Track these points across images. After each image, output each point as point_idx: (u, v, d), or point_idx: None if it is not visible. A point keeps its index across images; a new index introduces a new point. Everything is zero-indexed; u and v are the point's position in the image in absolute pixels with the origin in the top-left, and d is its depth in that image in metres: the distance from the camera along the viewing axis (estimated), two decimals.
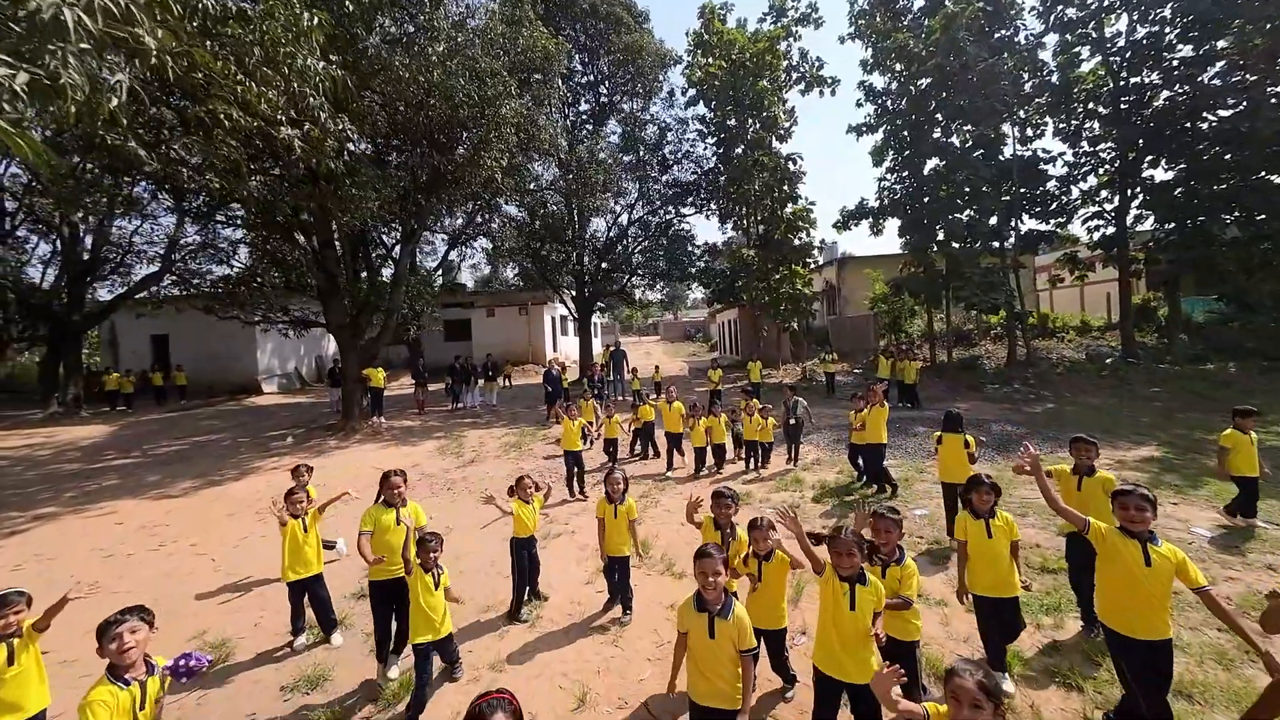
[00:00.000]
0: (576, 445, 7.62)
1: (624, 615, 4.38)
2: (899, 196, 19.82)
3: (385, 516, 4.05)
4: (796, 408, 8.13)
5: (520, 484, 4.62)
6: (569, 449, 7.63)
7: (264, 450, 11.36)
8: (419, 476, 8.86)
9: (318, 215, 11.80)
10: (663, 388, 15.51)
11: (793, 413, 8.11)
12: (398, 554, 3.79)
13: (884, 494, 6.74)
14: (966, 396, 13.81)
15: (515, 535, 4.55)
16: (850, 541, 2.63)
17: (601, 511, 4.42)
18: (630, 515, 4.43)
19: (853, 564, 2.62)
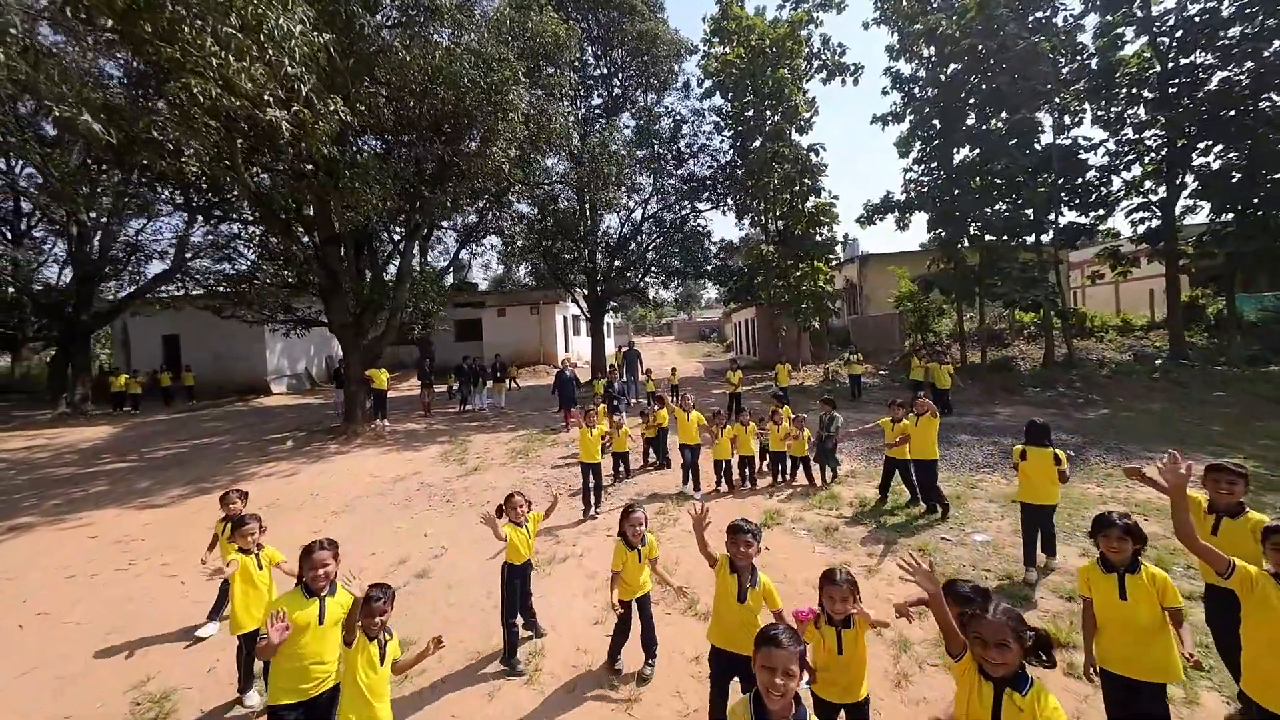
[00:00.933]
0: (595, 457, 6.80)
1: (646, 665, 3.65)
2: (927, 189, 18.86)
3: (303, 610, 2.72)
4: (832, 424, 7.16)
5: (510, 503, 3.93)
6: (586, 461, 6.82)
7: (261, 455, 10.86)
8: (418, 486, 8.25)
9: (319, 210, 11.30)
10: (679, 391, 14.80)
11: (827, 429, 7.15)
12: (328, 663, 2.75)
13: (934, 515, 5.93)
14: (1004, 400, 12.86)
15: (508, 560, 3.86)
16: (1004, 625, 1.82)
17: (619, 562, 3.60)
18: (651, 554, 3.69)
19: (1006, 661, 1.81)
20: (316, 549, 2.83)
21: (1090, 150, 16.93)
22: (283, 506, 7.57)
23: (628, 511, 3.65)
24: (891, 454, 6.27)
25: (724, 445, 7.20)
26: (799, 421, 7.29)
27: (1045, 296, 13.48)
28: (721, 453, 7.27)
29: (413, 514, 7.06)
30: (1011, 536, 5.26)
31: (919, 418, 5.92)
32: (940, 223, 17.72)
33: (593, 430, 6.84)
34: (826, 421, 7.23)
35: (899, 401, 6.66)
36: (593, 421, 7.22)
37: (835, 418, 7.20)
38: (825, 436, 7.12)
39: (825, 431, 7.13)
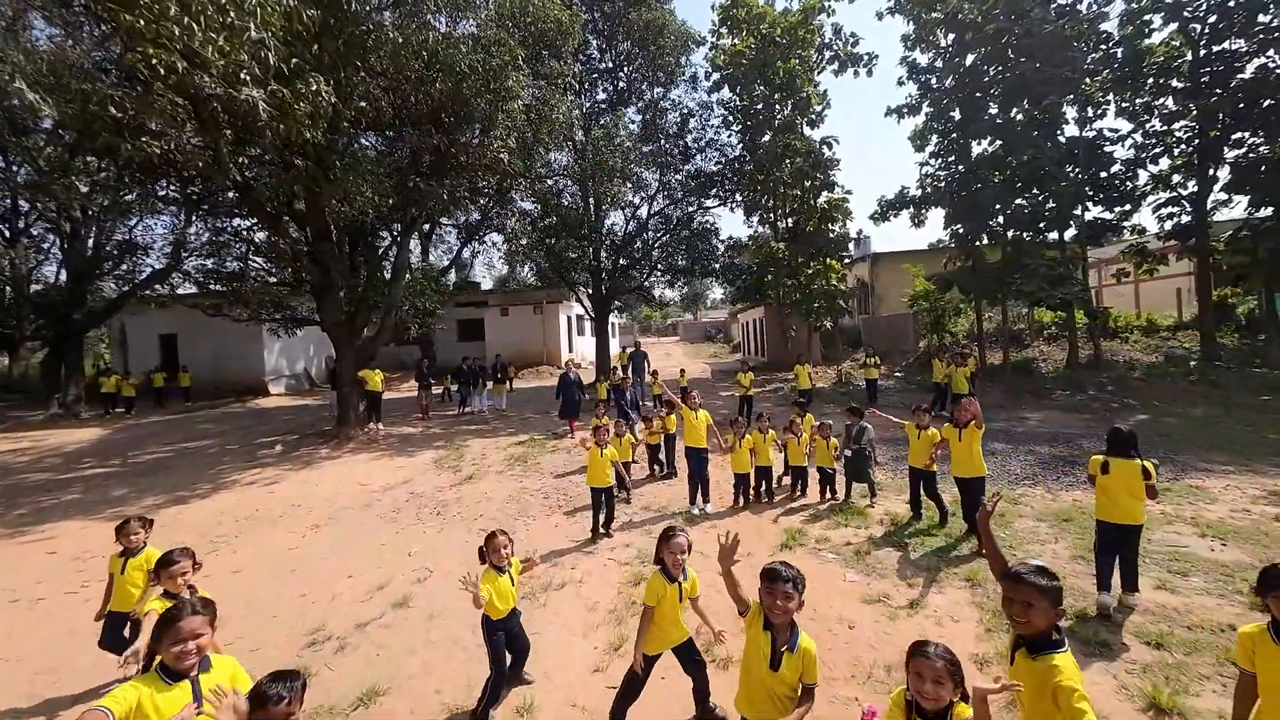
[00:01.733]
0: (606, 480, 5.88)
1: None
2: (944, 184, 18.16)
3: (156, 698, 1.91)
4: (863, 436, 6.34)
5: (491, 545, 3.32)
6: (596, 485, 5.89)
7: (248, 460, 10.34)
8: (407, 496, 7.67)
9: (310, 203, 10.77)
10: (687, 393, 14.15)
11: (857, 440, 6.34)
12: None
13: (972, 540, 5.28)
14: (1031, 404, 12.16)
15: (486, 615, 3.26)
16: None
17: (655, 595, 2.90)
18: (693, 593, 3.07)
19: None
20: (183, 616, 2.00)
21: (1117, 142, 16.21)
22: (260, 519, 7.02)
23: (668, 536, 2.98)
24: (917, 464, 5.63)
25: (742, 456, 6.48)
26: (823, 429, 6.62)
27: (1075, 294, 12.75)
28: (740, 465, 6.52)
29: (399, 528, 6.48)
30: (1071, 563, 4.62)
31: (961, 428, 5.18)
32: (959, 218, 17.01)
33: (604, 450, 5.88)
34: (856, 434, 6.40)
35: (924, 406, 6.03)
36: (604, 439, 6.03)
37: (865, 429, 6.38)
38: (856, 451, 6.35)
39: (855, 445, 6.37)
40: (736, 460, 6.49)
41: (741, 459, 6.46)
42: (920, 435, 5.63)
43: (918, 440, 5.63)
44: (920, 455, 5.60)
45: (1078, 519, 5.48)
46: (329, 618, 4.42)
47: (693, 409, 6.87)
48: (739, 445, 6.37)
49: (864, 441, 6.34)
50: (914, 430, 5.72)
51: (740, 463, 6.48)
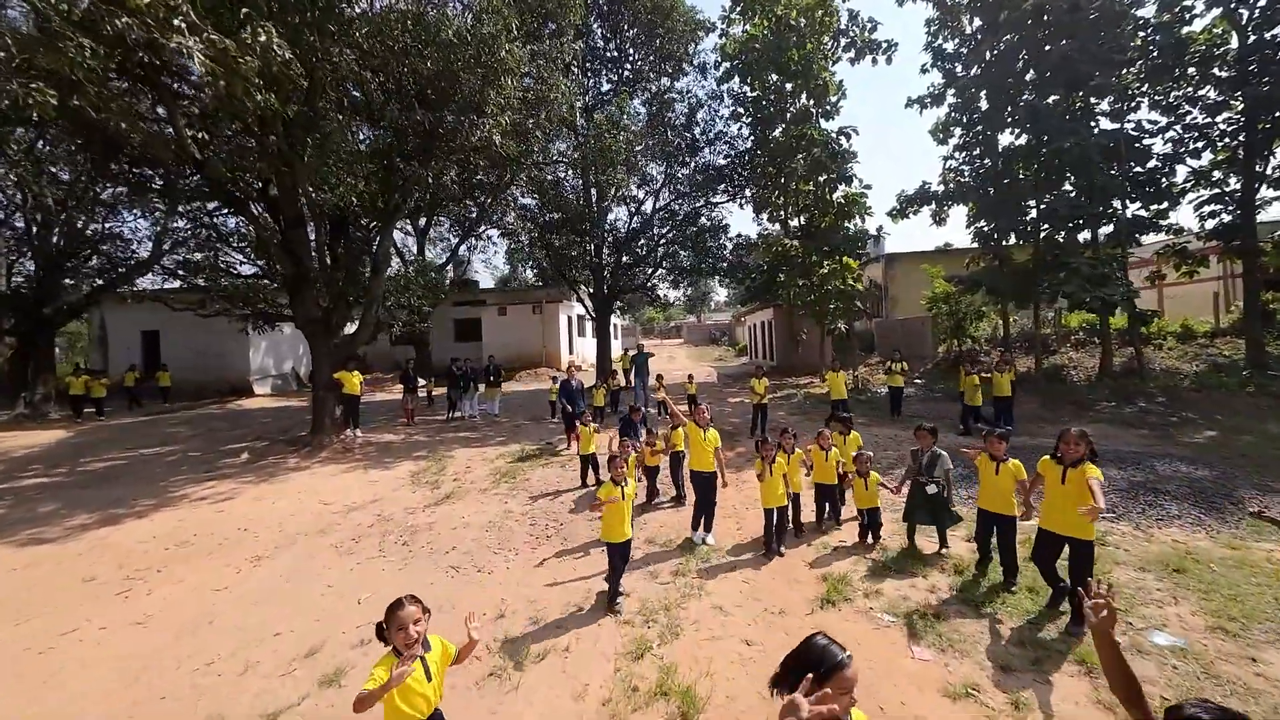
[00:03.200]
0: (626, 533, 4.37)
1: None
2: (967, 178, 17.10)
3: None
4: (936, 466, 4.92)
5: (394, 619, 2.23)
6: (612, 540, 4.33)
7: (207, 470, 9.29)
8: (373, 520, 6.60)
9: (281, 187, 9.76)
10: (697, 402, 13.01)
11: (928, 472, 4.93)
12: None
13: None
14: (1074, 416, 11.04)
15: None
16: None
17: None
18: None
19: None
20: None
21: (1156, 135, 15.10)
22: (196, 547, 5.95)
23: None
24: (993, 508, 4.40)
25: (774, 486, 5.17)
26: (862, 461, 5.36)
27: (1120, 296, 11.63)
28: (773, 498, 5.18)
29: (355, 562, 5.42)
30: (1210, 637, 3.52)
31: (1068, 466, 3.81)
32: (985, 215, 15.95)
33: (624, 491, 4.35)
34: (927, 462, 4.97)
35: (999, 432, 4.63)
36: (621, 475, 4.44)
37: (940, 456, 4.93)
38: (928, 483, 4.93)
39: (927, 476, 4.94)
40: (768, 492, 5.23)
41: (773, 490, 5.21)
42: (999, 470, 4.38)
43: (995, 476, 4.39)
44: (998, 495, 4.39)
45: (1192, 569, 4.38)
46: (230, 705, 3.35)
47: (702, 426, 5.71)
48: (769, 473, 5.18)
49: (938, 472, 4.93)
50: (987, 463, 4.47)
51: (772, 494, 5.22)
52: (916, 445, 5.22)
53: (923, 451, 5.11)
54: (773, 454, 5.19)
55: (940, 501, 4.93)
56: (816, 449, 5.66)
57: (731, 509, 6.58)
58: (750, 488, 7.37)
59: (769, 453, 5.18)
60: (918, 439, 5.18)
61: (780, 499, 5.23)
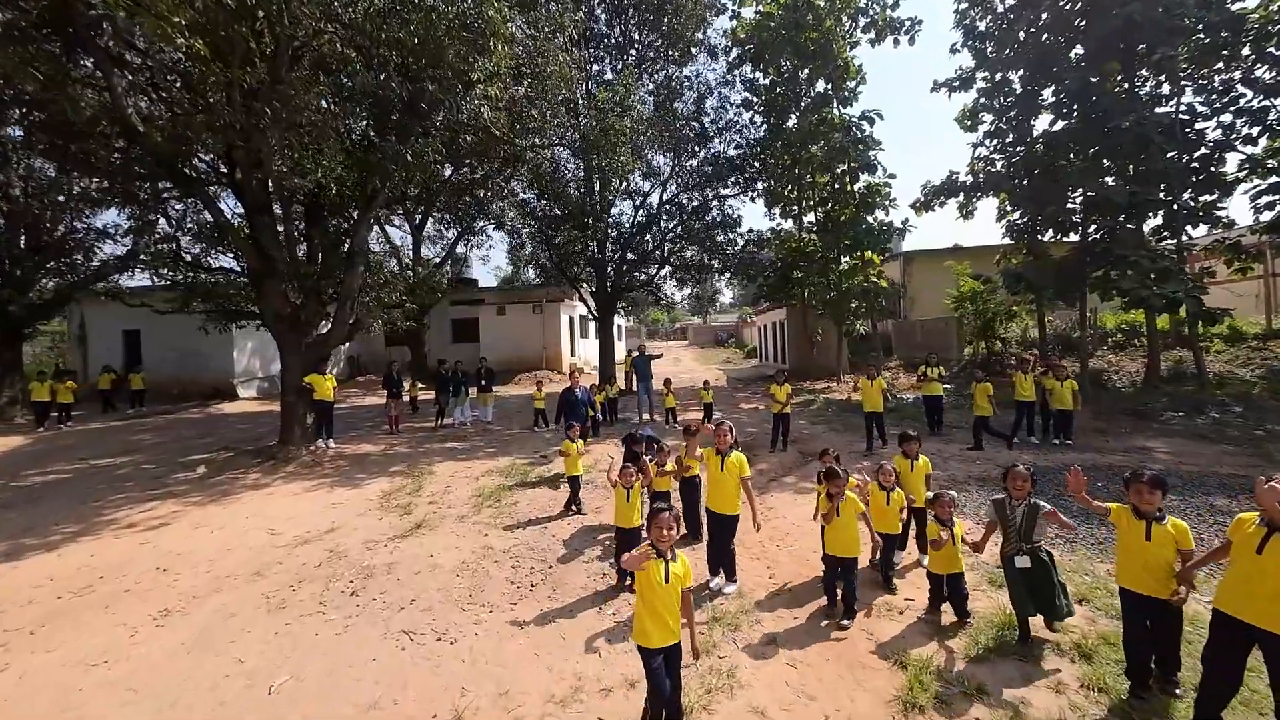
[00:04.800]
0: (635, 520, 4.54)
1: None
2: (999, 167, 15.86)
3: None
4: (1036, 526, 3.50)
5: None
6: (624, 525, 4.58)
7: (154, 487, 8.17)
8: (323, 557, 5.43)
9: (243, 166, 8.65)
10: (711, 413, 11.78)
11: (1024, 535, 3.52)
12: None
13: None
14: (1135, 428, 9.76)
15: None
16: None
17: None
18: None
19: None
20: None
21: (1210, 118, 13.78)
22: (96, 595, 4.80)
23: None
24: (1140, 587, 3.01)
25: (847, 530, 3.92)
26: (943, 506, 3.88)
27: (1186, 292, 10.35)
28: (841, 543, 3.94)
29: (284, 621, 4.25)
30: None
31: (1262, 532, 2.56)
32: (1022, 206, 14.68)
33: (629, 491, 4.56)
34: (1024, 519, 3.51)
35: (1148, 476, 3.06)
36: (629, 481, 4.58)
37: (1040, 511, 3.50)
38: (1025, 552, 3.50)
39: (1023, 542, 3.51)
40: (839, 537, 3.94)
41: (846, 533, 3.91)
42: (1153, 533, 2.97)
43: (1146, 543, 3.00)
44: (1149, 568, 3.00)
45: None
46: None
47: (722, 450, 4.43)
48: (836, 513, 3.90)
49: (1038, 536, 3.53)
50: (1127, 516, 3.09)
51: (844, 538, 3.92)
52: (1002, 493, 3.72)
53: (1015, 502, 3.60)
54: (842, 487, 3.94)
55: (1044, 577, 3.45)
56: (875, 488, 4.40)
57: (759, 546, 5.38)
58: (779, 519, 6.16)
59: (839, 488, 3.93)
60: (1009, 485, 3.64)
61: (853, 546, 3.95)
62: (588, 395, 8.26)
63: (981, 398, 8.84)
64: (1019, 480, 3.61)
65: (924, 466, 4.86)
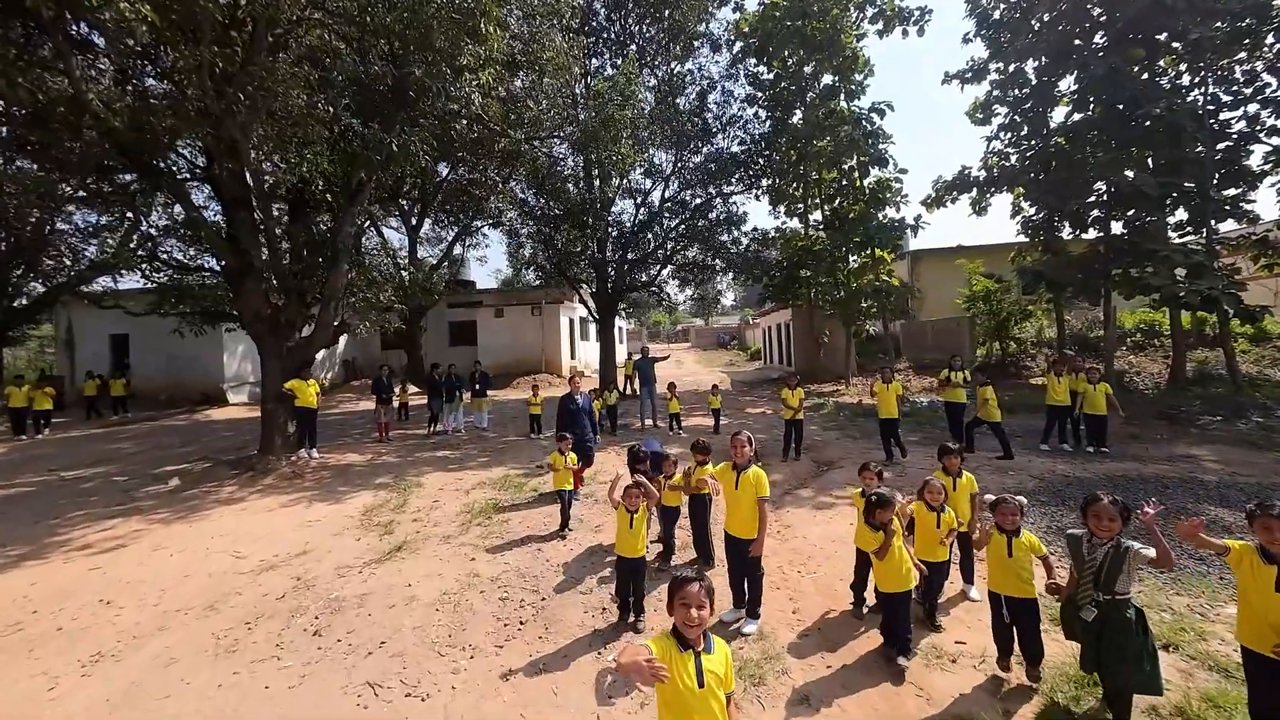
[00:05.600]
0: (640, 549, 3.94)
1: None
2: (1013, 161, 15.30)
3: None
4: (1122, 571, 2.68)
5: None
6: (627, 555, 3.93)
7: (119, 502, 7.58)
8: (289, 586, 4.84)
9: (216, 156, 8.09)
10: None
11: (1105, 583, 2.71)
12: None
13: None
14: (1172, 433, 9.14)
15: None
16: None
17: None
18: None
19: None
20: None
21: (1236, 108, 13.19)
22: (24, 633, 4.21)
23: None
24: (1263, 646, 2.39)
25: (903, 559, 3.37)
26: (1011, 510, 3.21)
27: (1221, 290, 9.73)
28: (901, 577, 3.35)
29: (231, 671, 3.65)
30: None
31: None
32: (1039, 200, 14.09)
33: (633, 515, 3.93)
34: (1107, 562, 2.72)
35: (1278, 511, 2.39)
36: (635, 502, 3.95)
37: (1129, 554, 2.69)
38: (1111, 606, 2.72)
39: (1105, 591, 2.73)
40: (887, 572, 3.37)
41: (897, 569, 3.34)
42: None
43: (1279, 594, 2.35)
44: None
45: None
46: None
47: (739, 465, 3.85)
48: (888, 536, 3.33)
49: (1123, 586, 2.71)
50: (1251, 558, 2.46)
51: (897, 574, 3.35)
52: (1081, 529, 2.93)
53: (1096, 541, 2.79)
54: (890, 517, 3.33)
55: (1122, 637, 2.67)
56: (921, 508, 3.77)
57: (778, 573, 4.77)
58: (797, 538, 5.56)
59: (885, 517, 3.33)
60: (1090, 523, 2.79)
61: (908, 578, 3.36)
62: (589, 403, 7.46)
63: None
64: (1104, 519, 2.76)
65: (968, 484, 4.25)
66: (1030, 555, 3.20)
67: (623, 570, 3.94)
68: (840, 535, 5.57)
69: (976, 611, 3.95)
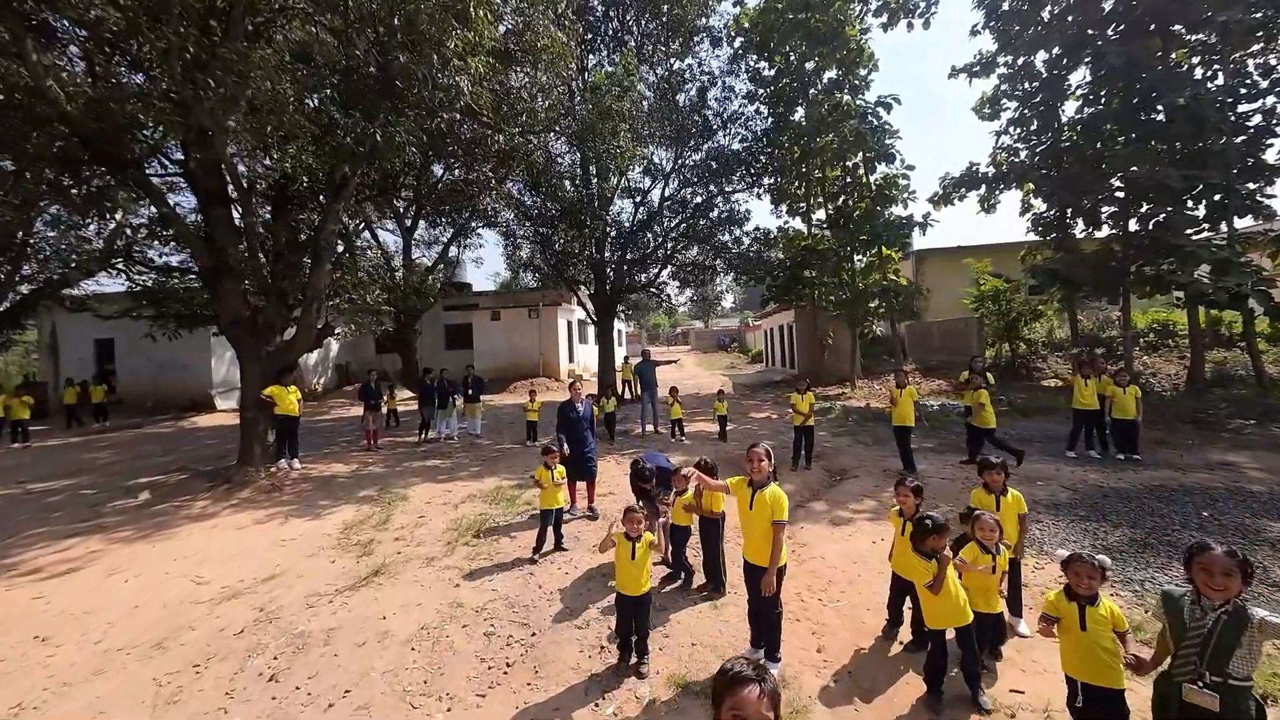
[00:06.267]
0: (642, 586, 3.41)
1: None
2: (1023, 157, 14.89)
3: None
4: (1240, 643, 2.04)
5: None
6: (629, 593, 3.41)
7: (83, 518, 7.06)
8: (249, 619, 4.32)
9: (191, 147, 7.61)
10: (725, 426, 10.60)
11: (1212, 659, 2.07)
12: None
13: None
14: (1201, 437, 8.67)
15: None
16: None
17: None
18: None
19: None
20: None
21: (1255, 99, 12.75)
22: None
23: None
24: None
25: (959, 592, 2.93)
26: (1088, 571, 2.52)
27: (1251, 286, 9.26)
28: (956, 611, 2.92)
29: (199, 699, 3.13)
30: None
31: None
32: (1052, 197, 13.65)
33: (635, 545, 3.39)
34: (1219, 628, 2.08)
35: None
36: (637, 528, 3.41)
37: (1252, 622, 2.03)
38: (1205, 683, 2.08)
39: (1215, 675, 2.07)
40: (942, 609, 2.89)
41: (958, 600, 2.88)
42: None
43: None
44: None
45: None
46: None
47: (756, 482, 3.32)
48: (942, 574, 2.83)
49: (1239, 667, 2.06)
50: None
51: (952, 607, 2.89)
52: (1184, 585, 2.32)
53: (1206, 603, 2.16)
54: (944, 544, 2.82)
55: None
56: (975, 551, 3.14)
57: (797, 601, 4.27)
58: (814, 558, 5.06)
59: (939, 545, 2.81)
60: (1197, 577, 2.19)
61: (964, 611, 2.83)
62: (590, 411, 6.62)
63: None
64: (1217, 574, 2.11)
65: (1015, 503, 3.72)
66: (1110, 628, 2.51)
67: (624, 608, 3.43)
68: (861, 555, 5.08)
69: (1029, 650, 3.45)
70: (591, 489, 6.52)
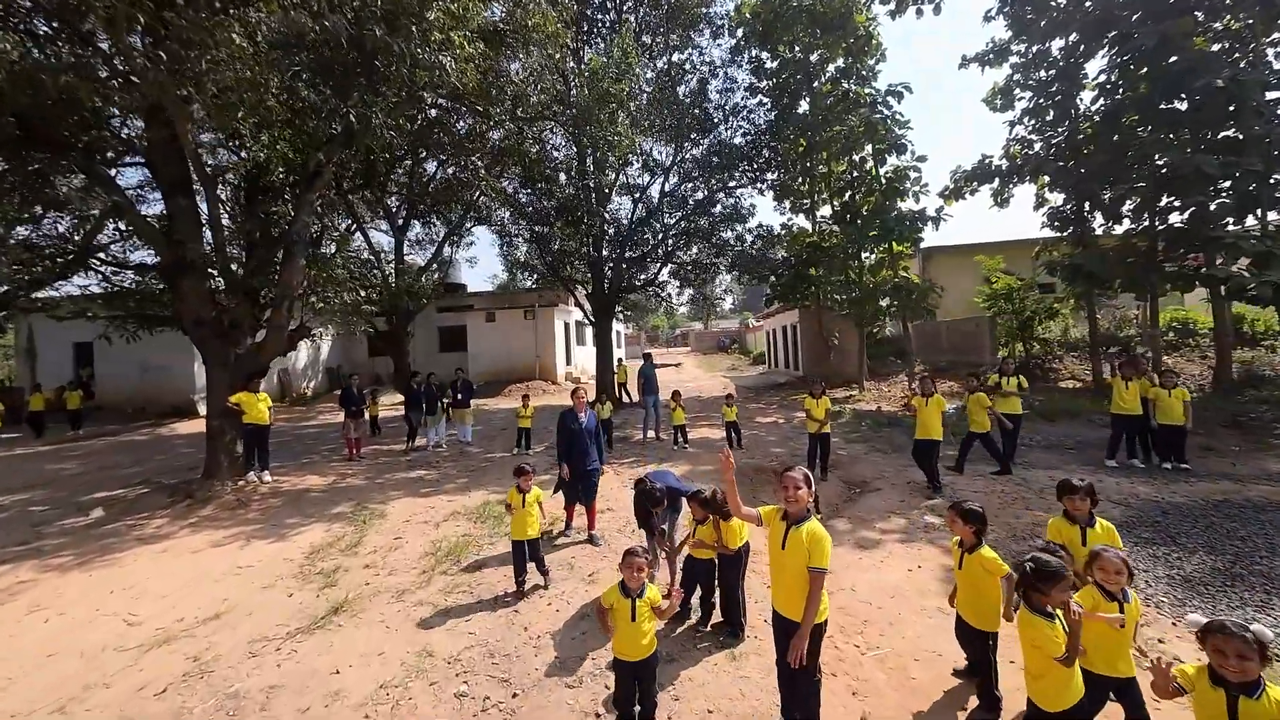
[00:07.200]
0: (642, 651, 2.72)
1: None
2: (1038, 149, 14.24)
3: None
4: None
5: None
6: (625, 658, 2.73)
7: (21, 540, 6.35)
8: (179, 672, 3.62)
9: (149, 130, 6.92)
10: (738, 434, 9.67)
11: None
12: None
13: None
14: (1245, 442, 8.01)
15: None
16: None
17: None
18: None
19: None
20: None
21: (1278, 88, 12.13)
22: None
23: None
24: None
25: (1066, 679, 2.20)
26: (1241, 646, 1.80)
27: None
28: (1072, 691, 2.21)
29: None
30: None
31: None
32: (1070, 189, 13.00)
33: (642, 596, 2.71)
34: None
35: None
36: (638, 578, 2.72)
37: None
38: None
39: None
40: (1063, 686, 2.21)
41: (1064, 684, 2.20)
42: None
43: None
44: None
45: None
46: None
47: (793, 516, 2.62)
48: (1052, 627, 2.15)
49: None
50: None
51: (1076, 684, 2.21)
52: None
53: None
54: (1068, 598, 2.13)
55: None
56: (1094, 595, 2.40)
57: (831, 651, 3.56)
58: (841, 589, 4.37)
59: (1064, 598, 2.13)
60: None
61: (1069, 694, 2.17)
62: (594, 422, 5.72)
63: (979, 411, 7.20)
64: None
65: (1106, 535, 3.03)
66: None
67: (623, 672, 2.74)
68: (897, 587, 4.39)
69: None
70: (592, 511, 5.78)
